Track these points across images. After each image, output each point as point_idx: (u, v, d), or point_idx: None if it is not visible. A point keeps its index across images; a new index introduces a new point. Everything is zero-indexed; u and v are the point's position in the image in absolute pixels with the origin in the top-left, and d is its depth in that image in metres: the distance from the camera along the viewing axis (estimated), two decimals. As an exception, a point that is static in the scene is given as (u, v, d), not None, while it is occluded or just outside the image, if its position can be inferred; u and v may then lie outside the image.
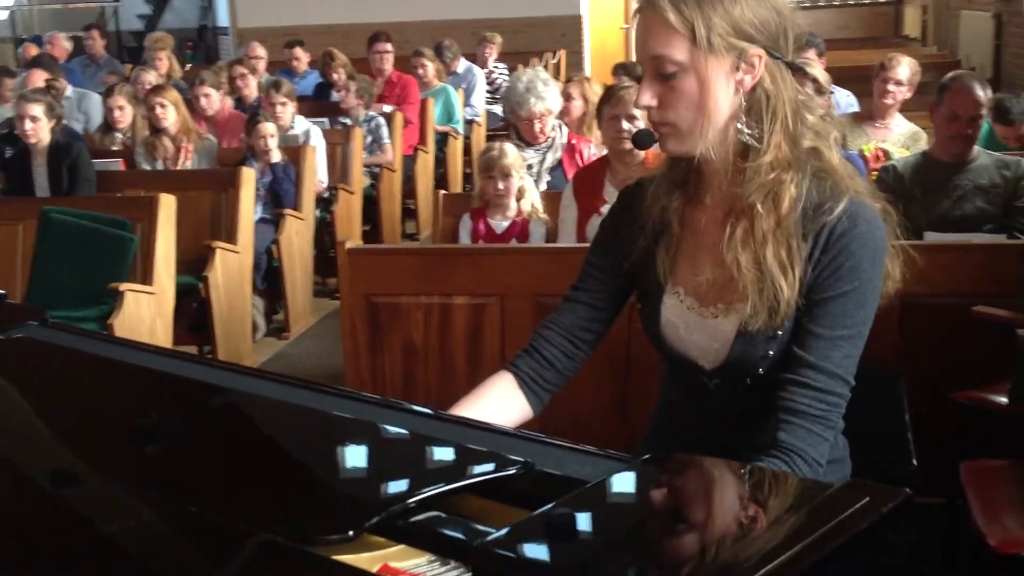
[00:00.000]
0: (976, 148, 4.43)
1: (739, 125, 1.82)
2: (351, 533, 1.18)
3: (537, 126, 5.20)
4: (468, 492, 1.30)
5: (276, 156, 6.40)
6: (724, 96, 1.81)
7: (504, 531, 1.16)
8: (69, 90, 8.78)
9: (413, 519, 1.24)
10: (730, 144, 1.84)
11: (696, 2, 1.77)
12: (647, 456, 1.32)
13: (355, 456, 1.39)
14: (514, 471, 1.30)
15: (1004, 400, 3.05)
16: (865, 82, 7.01)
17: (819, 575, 1.09)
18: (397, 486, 1.30)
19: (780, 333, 1.82)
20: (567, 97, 5.77)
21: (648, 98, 1.82)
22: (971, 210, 4.34)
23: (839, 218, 1.79)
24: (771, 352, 1.84)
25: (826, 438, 1.78)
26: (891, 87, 5.66)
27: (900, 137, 5.67)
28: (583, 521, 1.18)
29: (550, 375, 2.00)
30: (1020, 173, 4.36)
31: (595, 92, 5.75)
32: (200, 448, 1.43)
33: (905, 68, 5.71)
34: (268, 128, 6.37)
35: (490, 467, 1.31)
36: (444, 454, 1.37)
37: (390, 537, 1.23)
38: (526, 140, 5.25)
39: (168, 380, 1.62)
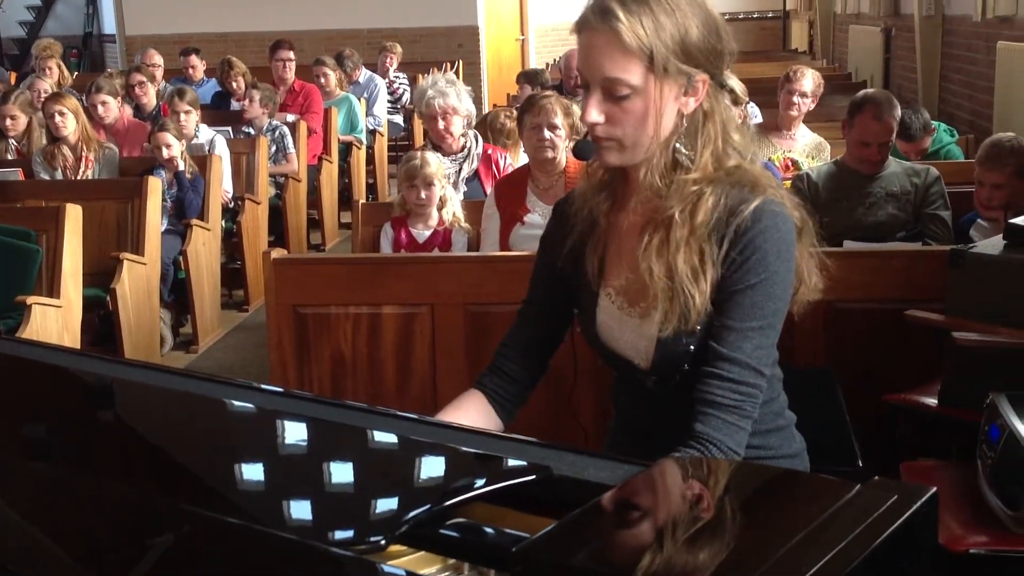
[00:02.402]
0: (888, 157, 4.56)
1: (677, 144, 1.88)
2: (382, 542, 1.15)
3: (441, 124, 5.09)
4: (489, 499, 1.28)
5: (182, 165, 6.28)
6: (669, 118, 1.86)
7: (540, 536, 1.14)
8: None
9: (439, 528, 1.22)
10: (664, 160, 1.88)
11: (654, 28, 1.79)
12: (665, 459, 1.32)
13: (377, 466, 1.36)
14: (534, 476, 1.29)
15: (933, 402, 3.13)
16: (760, 94, 7.17)
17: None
18: (421, 494, 1.28)
19: (699, 328, 1.86)
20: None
21: (596, 115, 1.84)
22: (884, 217, 4.47)
23: (746, 216, 1.84)
24: (692, 347, 1.88)
25: (742, 427, 1.82)
26: (796, 99, 5.78)
27: (805, 147, 5.80)
28: (616, 524, 1.17)
29: (515, 389, 2.09)
30: (929, 181, 4.50)
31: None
32: (218, 459, 1.38)
33: (809, 80, 5.84)
34: (166, 137, 6.24)
35: (510, 473, 1.30)
36: (465, 462, 1.35)
37: (417, 546, 1.21)
38: (441, 148, 5.21)
39: (158, 393, 1.57)
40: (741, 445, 1.82)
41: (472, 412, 2.01)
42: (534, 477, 1.29)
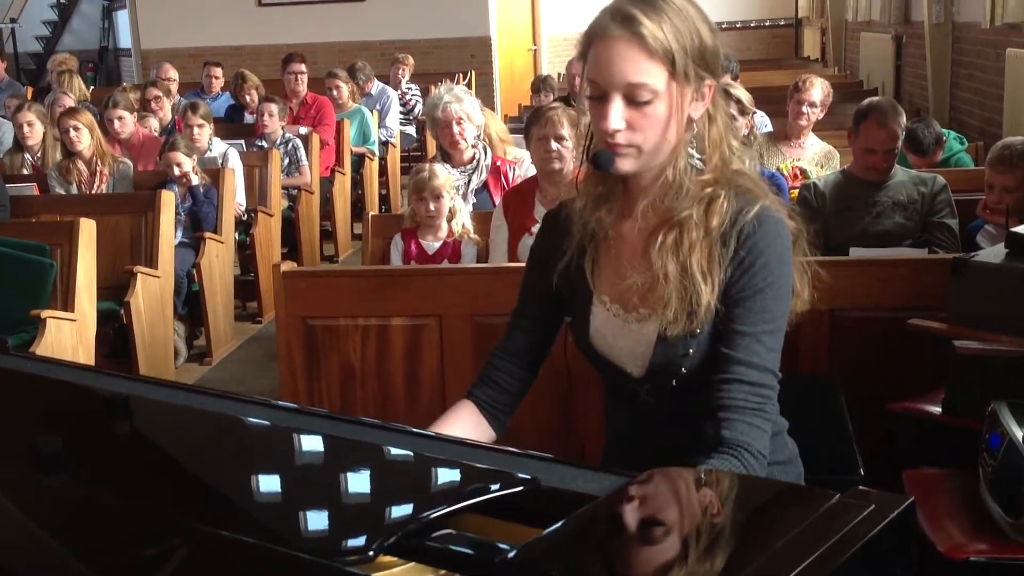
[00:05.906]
0: (894, 165, 4.57)
1: (690, 149, 1.94)
2: (371, 553, 1.18)
3: (456, 129, 5.07)
4: (477, 510, 1.31)
5: (195, 180, 6.34)
6: (683, 122, 1.91)
7: (523, 547, 1.17)
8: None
9: (427, 538, 1.25)
10: (676, 163, 1.92)
11: (674, 33, 1.84)
12: (651, 470, 1.35)
13: (368, 477, 1.39)
14: (522, 488, 1.32)
15: (937, 410, 3.15)
16: (772, 103, 7.18)
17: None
18: (410, 506, 1.31)
19: (699, 331, 1.90)
20: None
21: (618, 122, 1.87)
22: (890, 225, 4.48)
23: (749, 220, 1.89)
24: (691, 351, 1.91)
25: (765, 430, 1.85)
26: (805, 108, 5.80)
27: (814, 156, 5.81)
28: (599, 535, 1.20)
29: (504, 399, 2.13)
30: (936, 189, 4.51)
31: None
32: (214, 473, 1.42)
33: (819, 90, 5.86)
34: (177, 156, 6.30)
35: (499, 484, 1.33)
36: (453, 473, 1.38)
37: (405, 556, 1.23)
38: (451, 158, 5.23)
39: (160, 407, 1.61)
40: (766, 448, 1.85)
41: (465, 423, 2.06)
42: (522, 488, 1.32)
